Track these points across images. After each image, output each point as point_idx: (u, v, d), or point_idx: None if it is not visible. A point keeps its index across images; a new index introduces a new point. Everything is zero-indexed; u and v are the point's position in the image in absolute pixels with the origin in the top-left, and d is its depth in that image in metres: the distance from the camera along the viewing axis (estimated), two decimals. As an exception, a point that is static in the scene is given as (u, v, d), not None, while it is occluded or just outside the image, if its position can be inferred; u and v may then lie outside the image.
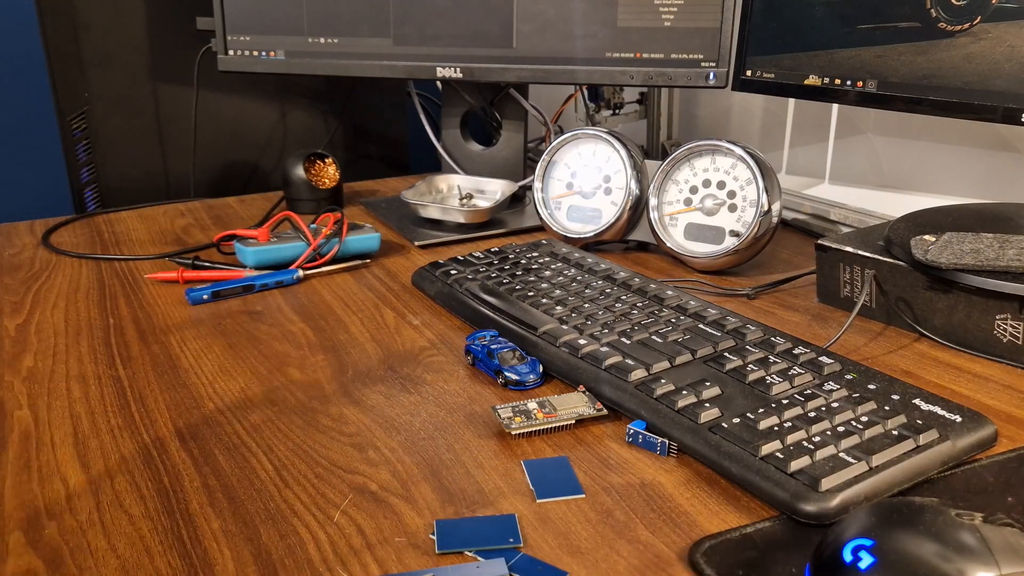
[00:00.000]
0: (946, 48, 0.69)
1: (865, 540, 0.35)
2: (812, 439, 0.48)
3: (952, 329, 0.66)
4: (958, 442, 0.49)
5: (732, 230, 0.83)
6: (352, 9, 1.01)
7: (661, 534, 0.44)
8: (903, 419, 0.50)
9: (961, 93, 0.69)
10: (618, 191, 0.89)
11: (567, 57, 0.96)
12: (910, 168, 0.95)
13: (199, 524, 0.46)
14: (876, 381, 0.55)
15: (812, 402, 0.52)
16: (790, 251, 0.91)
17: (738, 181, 0.82)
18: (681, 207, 0.86)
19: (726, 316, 0.65)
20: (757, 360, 0.58)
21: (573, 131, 0.93)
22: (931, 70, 0.70)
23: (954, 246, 0.65)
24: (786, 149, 1.10)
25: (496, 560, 0.42)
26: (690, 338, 0.62)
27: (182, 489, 0.49)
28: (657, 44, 0.93)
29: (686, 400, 0.53)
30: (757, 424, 0.50)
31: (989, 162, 0.87)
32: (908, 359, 0.65)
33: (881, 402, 0.52)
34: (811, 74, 0.80)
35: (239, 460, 0.52)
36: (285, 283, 0.82)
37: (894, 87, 0.73)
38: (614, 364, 0.58)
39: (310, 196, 1.06)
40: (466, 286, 0.74)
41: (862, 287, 0.71)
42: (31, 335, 0.72)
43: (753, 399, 0.53)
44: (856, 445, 0.48)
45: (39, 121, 1.28)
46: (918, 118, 0.92)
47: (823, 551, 0.37)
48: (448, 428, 0.55)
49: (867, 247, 0.71)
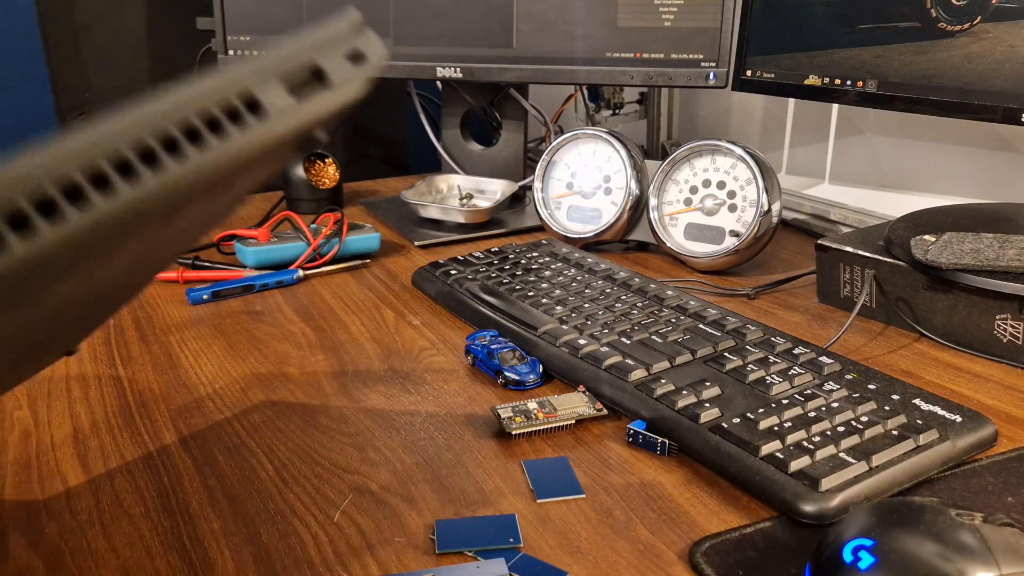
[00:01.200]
0: (946, 48, 0.69)
1: (865, 540, 0.35)
2: (812, 439, 0.48)
3: (952, 329, 0.66)
4: (958, 442, 0.49)
5: (732, 230, 0.83)
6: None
7: (661, 534, 0.44)
8: (903, 419, 0.50)
9: (961, 93, 0.69)
10: (618, 191, 0.89)
11: (567, 57, 0.96)
12: (910, 168, 0.95)
13: (199, 524, 0.46)
14: (876, 381, 0.55)
15: (812, 402, 0.52)
16: (790, 251, 0.91)
17: (738, 181, 0.82)
18: (681, 207, 0.86)
19: (726, 316, 0.65)
20: (757, 360, 0.58)
21: (573, 131, 0.93)
22: (931, 70, 0.70)
23: (954, 246, 0.65)
24: (786, 149, 1.10)
25: (496, 560, 0.42)
26: (690, 338, 0.62)
27: (182, 489, 0.49)
28: (657, 44, 0.93)
29: (686, 400, 0.53)
30: (757, 424, 0.50)
31: (989, 162, 0.87)
32: (908, 359, 0.65)
33: (881, 402, 0.52)
34: (811, 74, 0.80)
35: (239, 460, 0.52)
36: (285, 283, 0.82)
37: (894, 87, 0.73)
38: (614, 364, 0.58)
39: (310, 196, 1.06)
40: (466, 286, 0.74)
41: (862, 287, 0.71)
42: (31, 335, 0.72)
43: (753, 399, 0.53)
44: (856, 445, 0.48)
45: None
46: (918, 118, 0.92)
47: (823, 551, 0.37)
48: (448, 428, 0.55)
49: (867, 247, 0.71)
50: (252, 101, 0.26)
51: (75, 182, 0.23)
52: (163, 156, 0.25)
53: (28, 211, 0.22)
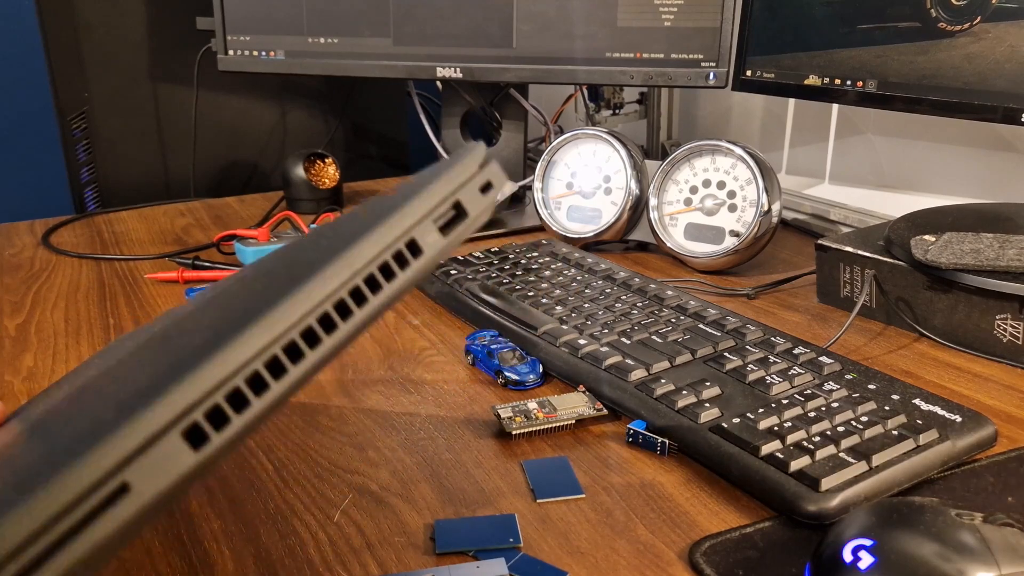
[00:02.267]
0: (946, 48, 0.69)
1: (865, 540, 0.35)
2: (812, 439, 0.48)
3: (952, 329, 0.66)
4: (958, 442, 0.49)
5: (732, 230, 0.83)
6: (352, 9, 1.01)
7: (661, 534, 0.44)
8: (903, 419, 0.50)
9: (961, 93, 0.69)
10: (618, 191, 0.89)
11: (567, 57, 0.96)
12: (910, 168, 0.95)
13: (199, 524, 0.46)
14: (876, 381, 0.55)
15: (812, 402, 0.52)
16: (790, 251, 0.91)
17: (738, 181, 0.82)
18: (681, 207, 0.86)
19: (726, 316, 0.65)
20: (757, 360, 0.58)
21: (573, 131, 0.93)
22: (931, 70, 0.70)
23: (954, 246, 0.65)
24: (786, 149, 1.10)
25: (496, 560, 0.42)
26: (690, 338, 0.62)
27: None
28: (657, 44, 0.93)
29: (686, 400, 0.53)
30: (757, 424, 0.50)
31: (989, 162, 0.87)
32: (908, 359, 0.65)
33: (881, 402, 0.52)
34: (811, 74, 0.80)
35: (239, 460, 0.52)
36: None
37: (894, 87, 0.73)
38: (614, 364, 0.58)
39: (310, 196, 1.06)
40: (466, 286, 0.74)
41: (862, 287, 0.71)
42: (31, 335, 0.72)
43: (753, 399, 0.53)
44: (856, 445, 0.48)
45: (39, 121, 1.28)
46: (918, 118, 0.92)
47: (823, 551, 0.37)
48: (448, 428, 0.55)
49: (867, 247, 0.71)
50: (414, 246, 0.30)
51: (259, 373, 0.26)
52: (354, 307, 0.28)
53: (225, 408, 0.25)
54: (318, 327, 0.27)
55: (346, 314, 0.28)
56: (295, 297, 0.26)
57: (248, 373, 0.25)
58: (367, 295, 0.28)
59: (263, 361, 0.25)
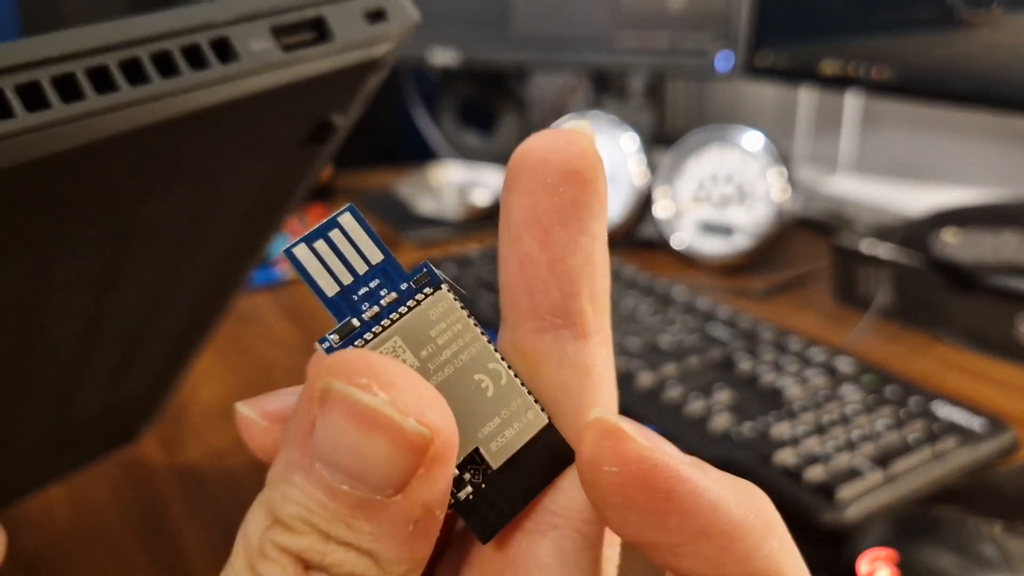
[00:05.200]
0: (965, 37, 0.70)
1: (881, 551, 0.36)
2: (827, 447, 0.49)
3: (972, 331, 0.66)
4: (978, 449, 0.50)
5: (743, 226, 0.83)
6: (343, -8, 1.01)
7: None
8: (921, 425, 0.51)
9: (981, 83, 0.69)
10: (623, 184, 0.90)
11: (569, 42, 0.97)
12: (929, 161, 0.95)
13: (184, 536, 0.46)
14: (893, 385, 0.56)
15: (826, 407, 0.53)
16: (804, 248, 0.92)
17: (749, 174, 0.83)
18: (690, 202, 0.86)
19: (737, 316, 0.66)
20: (769, 363, 0.59)
21: (575, 117, 0.93)
22: (949, 59, 0.71)
23: (974, 244, 0.66)
24: (799, 140, 1.10)
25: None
26: (699, 340, 0.62)
27: (166, 500, 0.50)
28: (664, 29, 0.93)
29: (695, 405, 0.54)
30: (769, 431, 0.50)
31: (1012, 154, 0.88)
32: (926, 362, 0.65)
33: (898, 407, 0.53)
34: (825, 62, 0.80)
35: (224, 470, 0.52)
36: (271, 282, 0.82)
37: (911, 76, 0.74)
38: (620, 368, 0.59)
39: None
40: (464, 284, 0.75)
41: (879, 286, 0.72)
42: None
43: (765, 404, 0.54)
44: (872, 453, 0.48)
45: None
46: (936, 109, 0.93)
47: (838, 563, 0.38)
48: (446, 434, 0.56)
49: (884, 245, 0.72)
50: (222, 42, 0.23)
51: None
52: (85, 84, 0.23)
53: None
54: (84, 79, 0.23)
55: (130, 80, 0.23)
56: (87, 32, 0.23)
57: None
58: (150, 75, 0.23)
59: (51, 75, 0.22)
